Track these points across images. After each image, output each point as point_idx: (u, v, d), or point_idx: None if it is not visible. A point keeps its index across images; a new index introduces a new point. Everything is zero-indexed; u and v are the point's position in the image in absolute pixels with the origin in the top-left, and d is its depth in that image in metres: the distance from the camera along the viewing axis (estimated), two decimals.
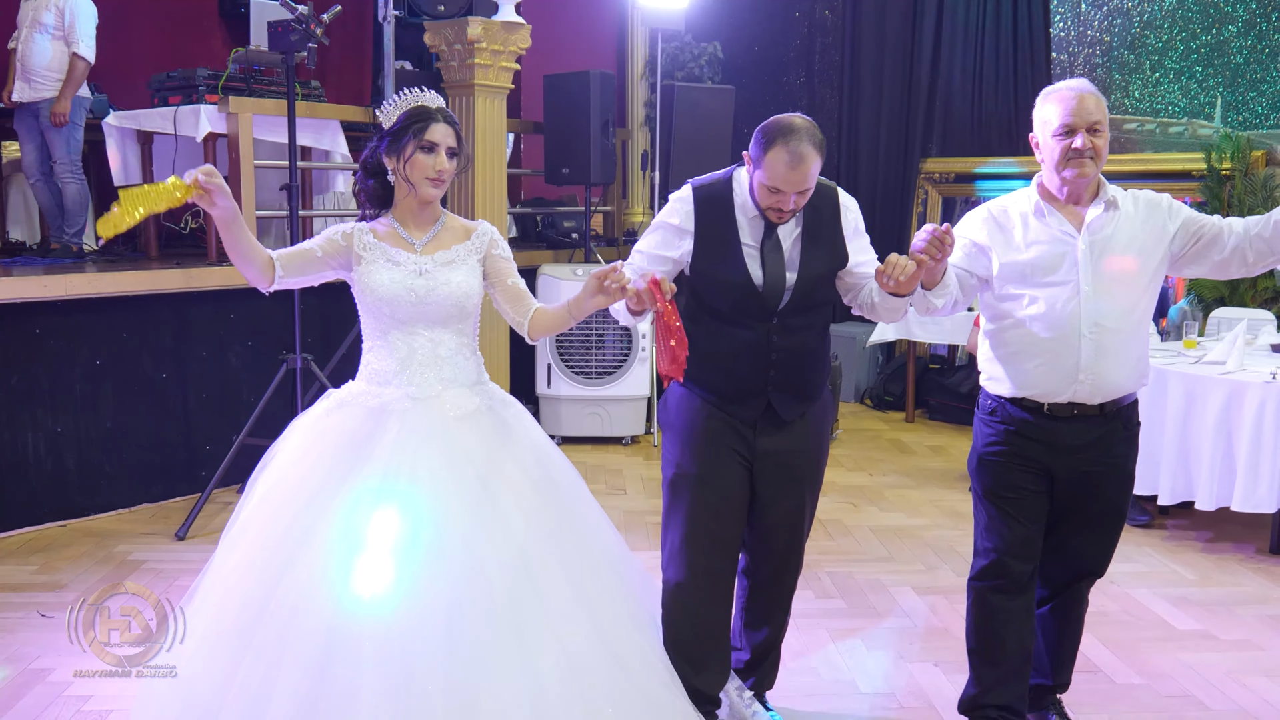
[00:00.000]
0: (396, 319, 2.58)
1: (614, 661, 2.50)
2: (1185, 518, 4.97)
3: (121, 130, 5.78)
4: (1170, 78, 6.93)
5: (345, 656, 2.27)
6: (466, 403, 2.60)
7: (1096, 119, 2.65)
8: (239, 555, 2.49)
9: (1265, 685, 3.30)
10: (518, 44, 5.82)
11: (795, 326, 2.77)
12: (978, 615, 2.91)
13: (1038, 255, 2.72)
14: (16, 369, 4.60)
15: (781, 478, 2.83)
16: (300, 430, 2.65)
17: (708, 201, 2.77)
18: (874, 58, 7.88)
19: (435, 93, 2.63)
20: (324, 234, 2.62)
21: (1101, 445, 2.75)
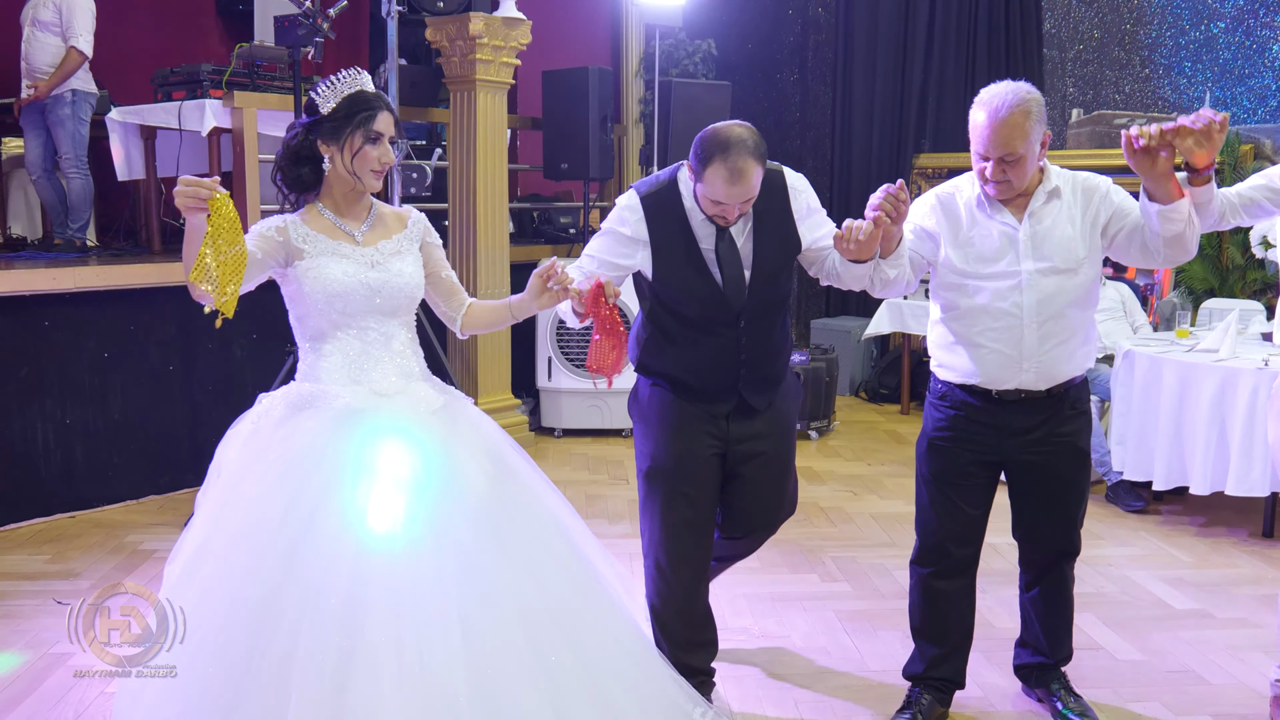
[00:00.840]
0: (347, 313, 2.44)
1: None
2: (1179, 503, 5.07)
3: (124, 125, 5.81)
4: (1160, 73, 7.04)
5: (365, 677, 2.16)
6: (434, 398, 2.53)
7: (1008, 151, 2.63)
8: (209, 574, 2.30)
9: (1263, 661, 3.38)
10: (518, 40, 5.87)
11: (760, 325, 2.82)
12: (920, 598, 3.01)
13: (982, 246, 2.77)
14: (26, 360, 4.63)
15: (758, 461, 2.91)
16: (249, 439, 2.44)
17: (657, 209, 2.77)
18: (867, 54, 7.97)
19: (364, 71, 2.48)
20: (253, 233, 2.41)
21: (1049, 425, 2.82)
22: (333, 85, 2.44)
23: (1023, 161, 2.65)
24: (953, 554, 2.92)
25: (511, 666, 2.28)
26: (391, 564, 2.26)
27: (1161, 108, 7.07)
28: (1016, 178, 2.68)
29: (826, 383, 6.51)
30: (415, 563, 2.28)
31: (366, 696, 2.12)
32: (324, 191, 2.49)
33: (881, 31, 7.89)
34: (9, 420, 4.59)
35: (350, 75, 2.46)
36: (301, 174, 2.47)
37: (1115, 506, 5.06)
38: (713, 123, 6.67)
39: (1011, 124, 2.61)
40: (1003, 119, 2.61)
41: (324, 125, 2.43)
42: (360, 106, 2.42)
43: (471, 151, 5.85)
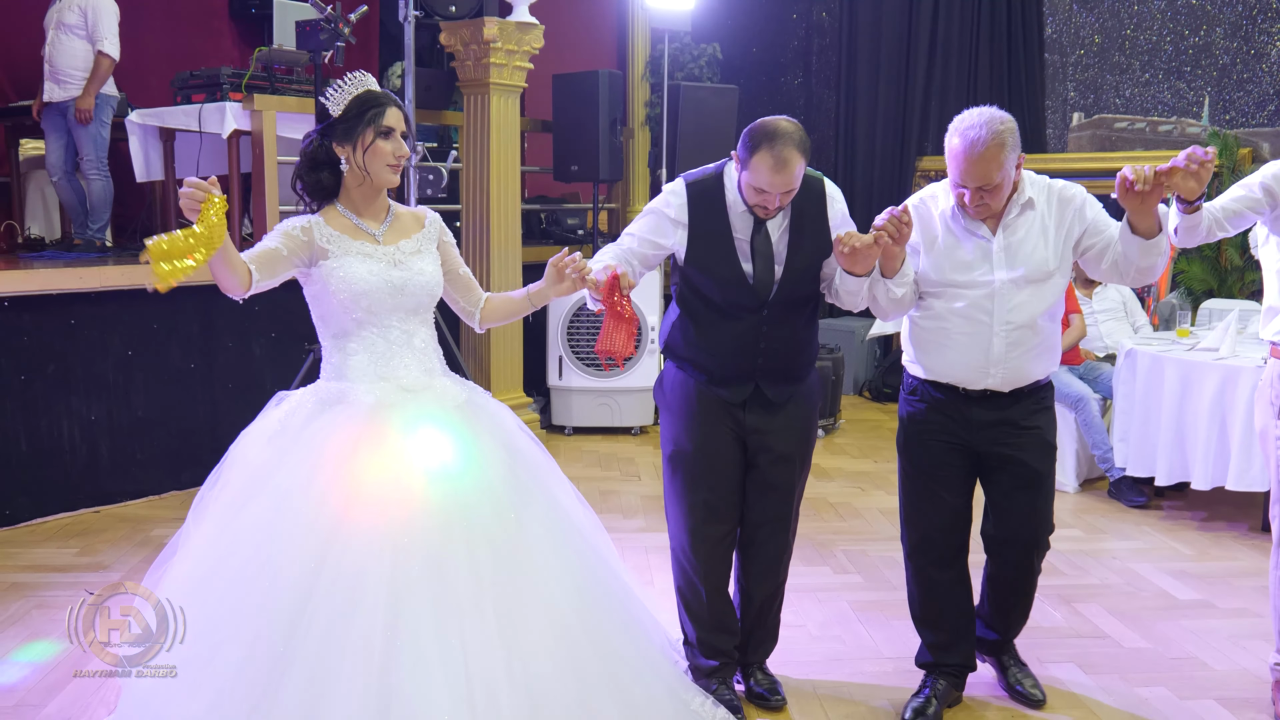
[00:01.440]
0: (372, 311, 2.49)
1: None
2: (1180, 499, 5.18)
3: (144, 128, 5.90)
4: (1160, 78, 7.16)
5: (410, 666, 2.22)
6: (458, 393, 2.59)
7: (985, 182, 2.72)
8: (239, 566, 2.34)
9: (1264, 648, 3.49)
10: (531, 44, 5.98)
11: (784, 317, 2.91)
12: (917, 588, 3.12)
13: (956, 255, 2.88)
14: (53, 358, 4.72)
15: (770, 455, 2.99)
16: (276, 436, 2.48)
17: (700, 196, 2.88)
18: (870, 59, 8.08)
19: (368, 73, 2.54)
20: (279, 232, 2.48)
21: (1013, 419, 2.93)
22: (340, 89, 2.50)
23: (1000, 188, 2.77)
24: (940, 543, 3.04)
25: (540, 652, 2.37)
26: (428, 551, 2.33)
27: (1161, 112, 7.19)
28: (994, 202, 2.80)
29: (833, 382, 6.62)
30: (450, 550, 2.35)
31: (410, 680, 2.19)
32: (342, 193, 2.55)
33: (885, 35, 8.00)
34: (37, 416, 4.69)
35: (356, 77, 2.51)
36: (321, 178, 2.52)
37: (1118, 502, 5.17)
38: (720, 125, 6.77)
39: (987, 158, 2.70)
40: (979, 154, 2.70)
41: (337, 128, 2.49)
42: (369, 104, 2.48)
43: (485, 153, 5.96)
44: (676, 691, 2.75)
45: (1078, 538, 4.67)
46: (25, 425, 4.66)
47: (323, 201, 2.55)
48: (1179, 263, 6.43)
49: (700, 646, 3.08)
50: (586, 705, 2.40)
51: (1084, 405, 5.27)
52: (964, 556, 3.10)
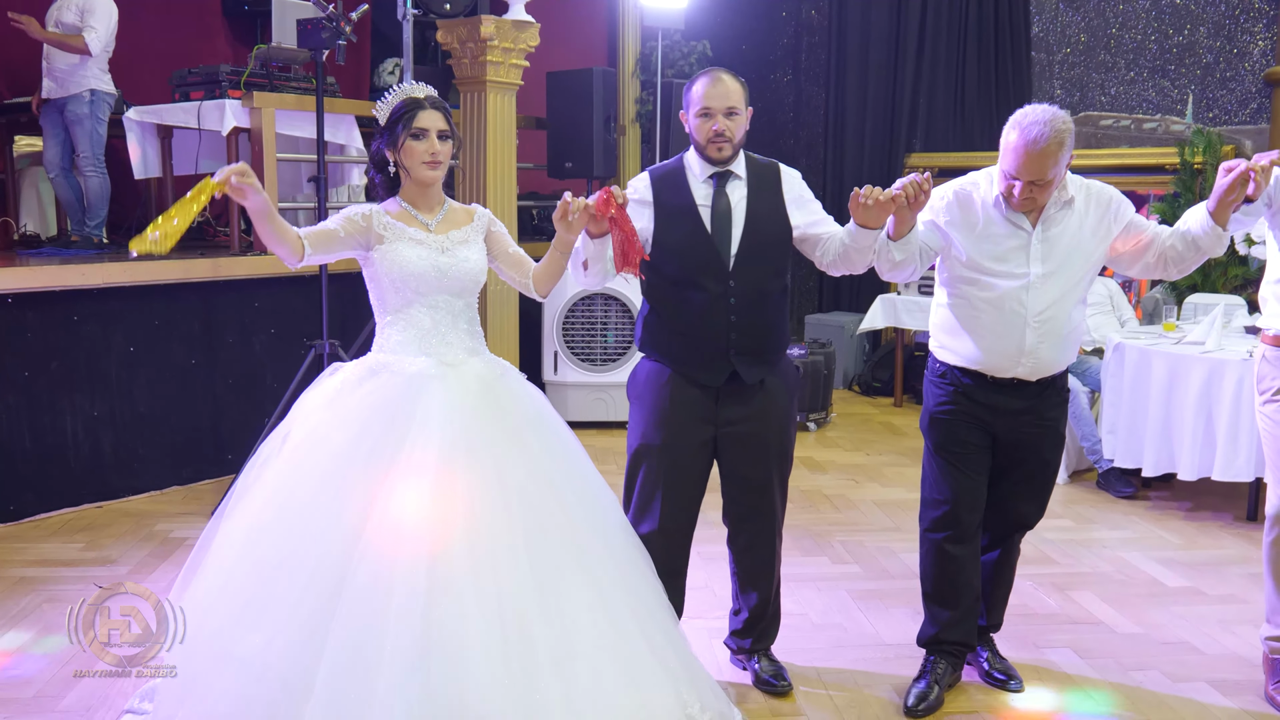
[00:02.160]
0: (420, 292, 2.76)
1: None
2: (1166, 489, 5.29)
3: (142, 125, 5.93)
4: (1144, 76, 7.28)
5: (449, 602, 2.45)
6: (493, 368, 2.85)
7: (1039, 177, 2.81)
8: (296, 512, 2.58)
9: (1252, 633, 3.59)
10: (527, 42, 6.02)
11: (750, 292, 2.98)
12: (934, 564, 3.18)
13: (995, 245, 2.96)
14: (57, 354, 4.75)
15: (746, 447, 3.06)
16: (331, 401, 2.73)
17: (663, 177, 3.06)
18: (859, 56, 8.16)
19: (426, 85, 2.82)
20: (342, 215, 2.78)
21: (1036, 410, 3.05)
22: (386, 100, 2.81)
23: (1050, 184, 2.84)
24: (963, 519, 3.11)
25: (572, 591, 2.61)
26: (468, 502, 2.58)
27: (1146, 109, 7.31)
28: (1042, 197, 2.87)
29: (825, 376, 6.70)
30: (487, 503, 2.59)
31: (449, 618, 2.43)
32: (403, 190, 2.84)
33: (873, 33, 8.08)
34: (40, 412, 4.72)
35: (402, 88, 2.81)
36: (384, 178, 2.85)
37: (1106, 493, 5.27)
38: None
39: (1046, 154, 2.77)
40: (1039, 150, 2.76)
41: (385, 135, 2.80)
42: (405, 109, 2.76)
43: (482, 151, 6.01)
44: (702, 669, 2.92)
45: (1068, 527, 4.78)
46: (29, 421, 4.69)
47: (389, 195, 2.87)
48: None
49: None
50: (619, 631, 2.64)
51: (1073, 398, 5.37)
52: (980, 536, 3.18)
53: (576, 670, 2.52)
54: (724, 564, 4.25)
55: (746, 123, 3.00)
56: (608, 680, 2.56)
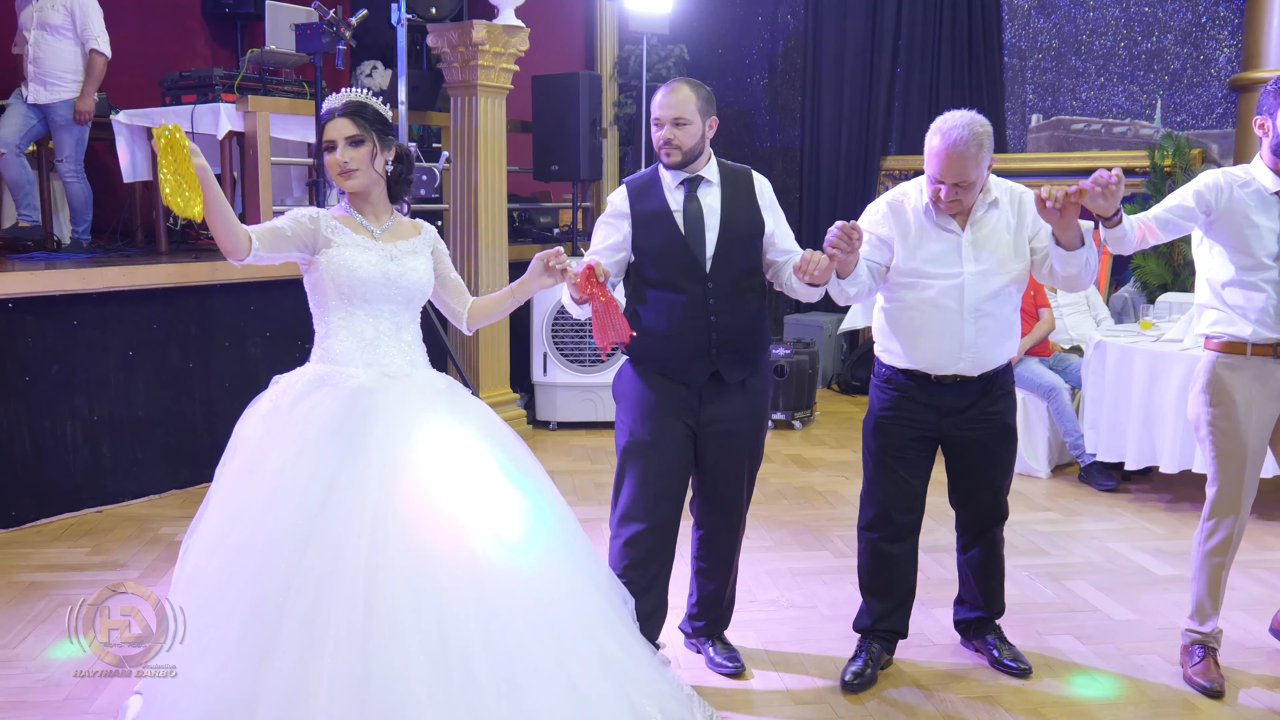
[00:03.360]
0: (366, 299, 2.69)
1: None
2: (1146, 482, 5.47)
3: (131, 128, 5.90)
4: (1114, 81, 7.49)
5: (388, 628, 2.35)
6: (438, 382, 2.78)
7: (962, 178, 2.97)
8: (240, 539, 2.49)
9: (1241, 617, 3.76)
10: (517, 46, 6.09)
11: (729, 293, 3.10)
12: (869, 560, 3.36)
13: (928, 249, 3.12)
14: (56, 359, 4.74)
15: (725, 444, 3.18)
16: (268, 415, 2.65)
17: (639, 188, 3.16)
18: (835, 61, 8.30)
19: (354, 89, 2.77)
20: (290, 215, 2.71)
21: (980, 405, 3.20)
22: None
23: (973, 186, 3.02)
24: (896, 520, 3.28)
25: (516, 619, 2.50)
26: (407, 528, 2.47)
27: (1115, 114, 7.52)
28: (967, 198, 3.04)
29: (809, 375, 6.83)
30: (428, 524, 2.49)
31: (389, 650, 2.33)
32: (349, 196, 2.80)
33: (849, 38, 8.22)
34: (40, 417, 4.71)
35: (338, 94, 2.77)
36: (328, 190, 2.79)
37: (1089, 486, 5.44)
38: None
39: (966, 155, 2.93)
40: (959, 152, 2.93)
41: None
42: (323, 120, 2.76)
43: (473, 154, 6.06)
44: (659, 669, 2.87)
45: (1055, 520, 4.93)
46: (29, 426, 4.68)
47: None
48: (1135, 258, 6.75)
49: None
50: (566, 650, 2.54)
51: (1056, 395, 5.54)
52: (916, 534, 3.35)
53: (520, 700, 2.42)
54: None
55: (707, 130, 3.09)
56: (556, 705, 2.48)
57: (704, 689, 3.24)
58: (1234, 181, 3.18)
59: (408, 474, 2.54)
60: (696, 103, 3.06)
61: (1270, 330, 3.14)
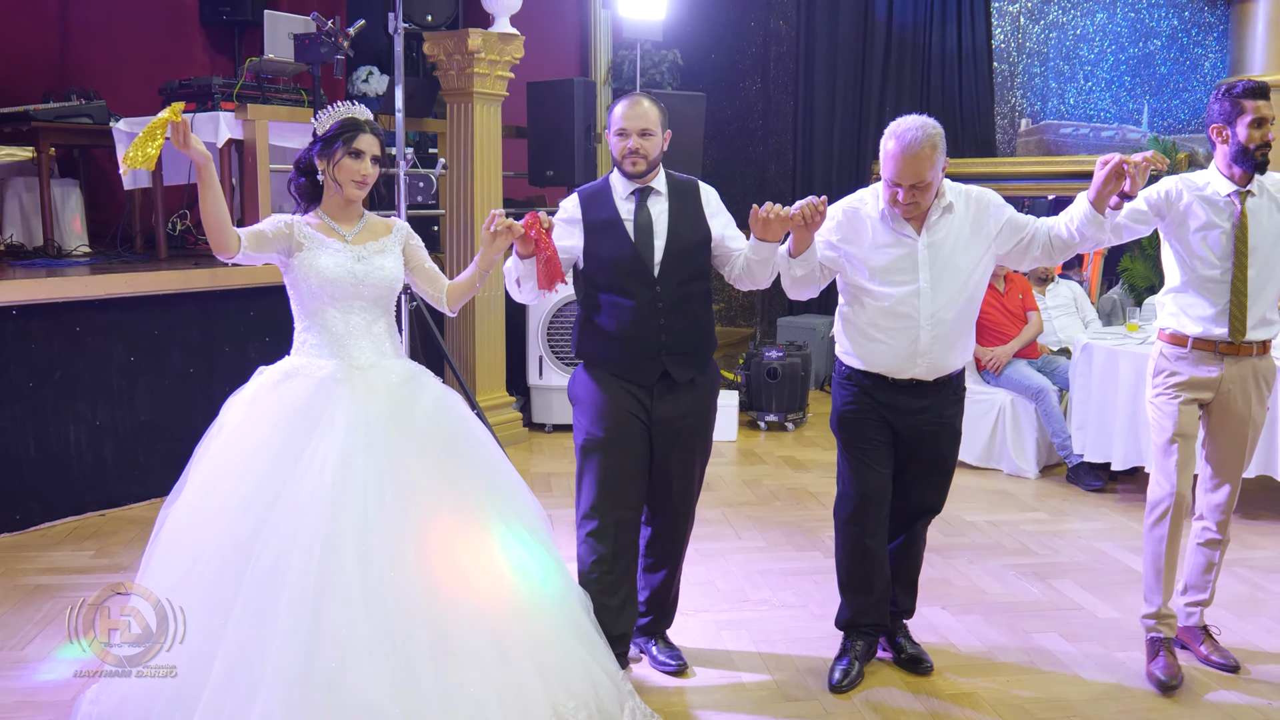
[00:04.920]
0: (335, 298, 2.91)
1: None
2: (1132, 482, 5.55)
3: (130, 135, 5.96)
4: (1102, 86, 7.59)
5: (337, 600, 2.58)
6: (402, 370, 2.99)
7: (917, 180, 3.05)
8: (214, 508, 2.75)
9: (1222, 615, 3.85)
10: (513, 54, 6.17)
11: (676, 294, 3.20)
12: (850, 555, 3.43)
13: (885, 256, 3.20)
14: (60, 364, 4.81)
15: (676, 440, 3.28)
16: (250, 401, 2.91)
17: (591, 196, 3.28)
18: (827, 65, 8.38)
19: (364, 106, 3.01)
20: (270, 220, 2.93)
21: (933, 409, 3.30)
22: (330, 112, 2.98)
23: (929, 187, 3.09)
24: (874, 513, 3.36)
25: (458, 592, 2.72)
26: (359, 496, 2.72)
27: (1103, 118, 7.62)
28: (923, 200, 3.12)
29: (802, 377, 6.91)
30: (379, 496, 2.74)
31: (340, 616, 2.57)
32: (324, 201, 3.00)
33: (840, 43, 8.30)
34: (44, 422, 4.78)
35: (346, 105, 2.99)
36: (305, 185, 3.01)
37: (1076, 486, 5.53)
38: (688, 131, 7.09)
39: (921, 157, 3.01)
40: (914, 153, 3.01)
41: (320, 144, 2.95)
42: (347, 127, 2.94)
43: (469, 160, 6.14)
44: (600, 660, 2.99)
45: (1043, 520, 5.02)
46: (34, 431, 4.75)
47: (309, 204, 3.02)
48: (1122, 261, 6.84)
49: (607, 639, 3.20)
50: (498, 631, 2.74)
51: (1044, 396, 5.63)
52: (887, 527, 3.43)
53: (455, 665, 2.62)
54: (725, 559, 4.46)
55: (664, 144, 3.23)
56: (485, 677, 2.65)
57: (697, 687, 3.33)
58: (1189, 187, 3.31)
59: (366, 457, 2.76)
60: (659, 116, 3.20)
61: (1216, 327, 3.29)
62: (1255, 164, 3.24)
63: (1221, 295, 3.28)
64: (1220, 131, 3.27)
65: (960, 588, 4.17)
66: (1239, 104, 3.22)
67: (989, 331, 5.89)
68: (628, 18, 6.95)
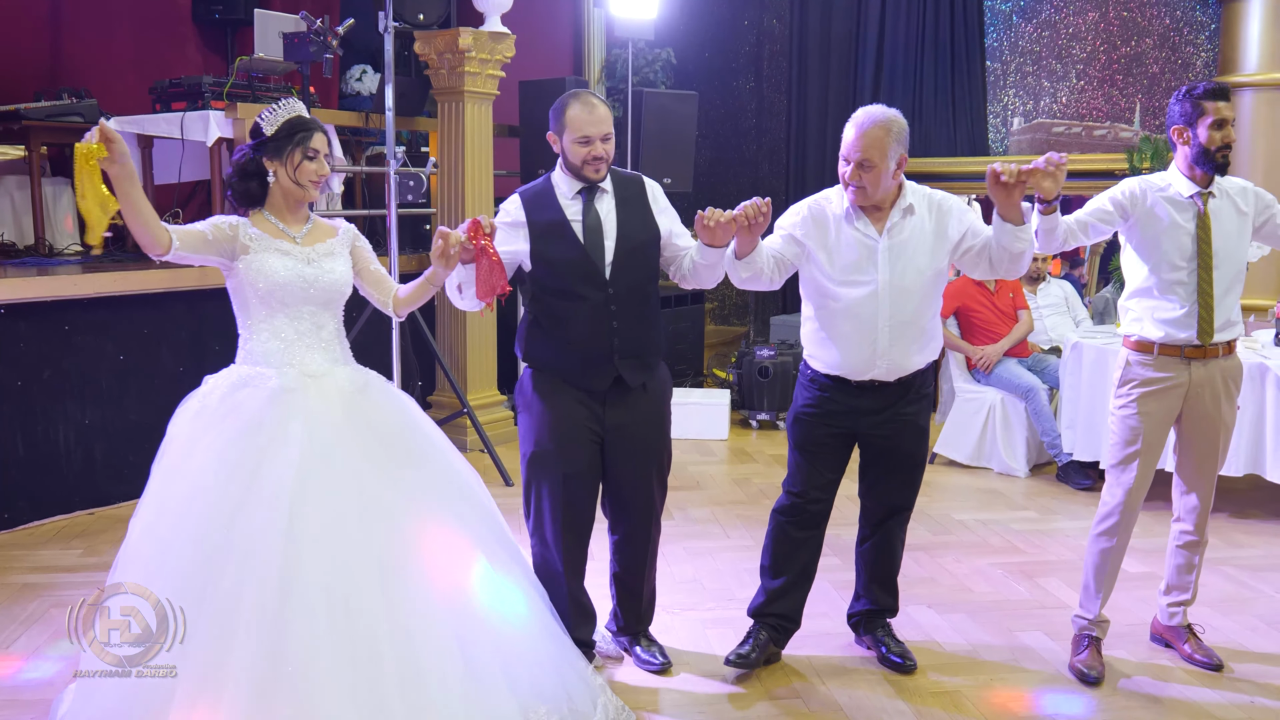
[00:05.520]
0: (285, 303, 2.81)
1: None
2: None
3: (122, 135, 5.94)
4: (1094, 85, 7.59)
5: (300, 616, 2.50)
6: (356, 379, 2.91)
7: (865, 157, 3.10)
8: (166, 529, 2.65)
9: (1207, 613, 3.86)
10: (504, 53, 6.17)
11: (628, 296, 3.19)
12: (775, 539, 3.48)
13: (847, 256, 3.22)
14: (49, 364, 4.82)
15: (631, 447, 3.27)
16: (196, 415, 2.79)
17: (534, 198, 3.23)
18: (820, 64, 8.39)
19: (299, 100, 2.92)
20: (210, 221, 2.81)
21: (896, 408, 3.31)
22: (275, 111, 2.87)
23: (877, 171, 3.11)
24: (808, 509, 3.40)
25: (423, 609, 2.66)
26: (320, 517, 2.63)
27: (1095, 117, 7.62)
28: (870, 184, 3.13)
29: (793, 375, 6.90)
30: (341, 516, 2.65)
31: (303, 633, 2.49)
32: (269, 202, 2.89)
33: (833, 42, 8.30)
34: (33, 421, 4.78)
35: (289, 103, 2.88)
36: (250, 188, 2.87)
37: (1066, 485, 5.54)
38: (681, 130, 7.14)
39: (873, 135, 3.08)
40: (866, 130, 3.09)
41: (269, 145, 2.85)
42: (300, 128, 2.85)
43: (459, 159, 6.14)
44: (569, 659, 3.00)
45: (1033, 519, 5.02)
46: (23, 430, 4.75)
47: (250, 207, 2.90)
48: (1114, 259, 6.84)
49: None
50: (467, 645, 2.69)
51: (1034, 395, 5.64)
52: (823, 525, 3.47)
53: (422, 688, 2.56)
54: (713, 558, 4.46)
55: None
56: (453, 697, 2.60)
57: (680, 687, 3.33)
58: (1151, 188, 3.31)
59: (323, 469, 2.68)
60: (613, 120, 3.20)
61: (1180, 331, 3.28)
62: (1216, 165, 3.23)
63: (1188, 297, 3.27)
64: (1181, 133, 3.27)
65: (946, 586, 4.18)
66: (1200, 105, 3.21)
67: (979, 330, 5.90)
68: (619, 17, 6.94)
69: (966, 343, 5.92)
